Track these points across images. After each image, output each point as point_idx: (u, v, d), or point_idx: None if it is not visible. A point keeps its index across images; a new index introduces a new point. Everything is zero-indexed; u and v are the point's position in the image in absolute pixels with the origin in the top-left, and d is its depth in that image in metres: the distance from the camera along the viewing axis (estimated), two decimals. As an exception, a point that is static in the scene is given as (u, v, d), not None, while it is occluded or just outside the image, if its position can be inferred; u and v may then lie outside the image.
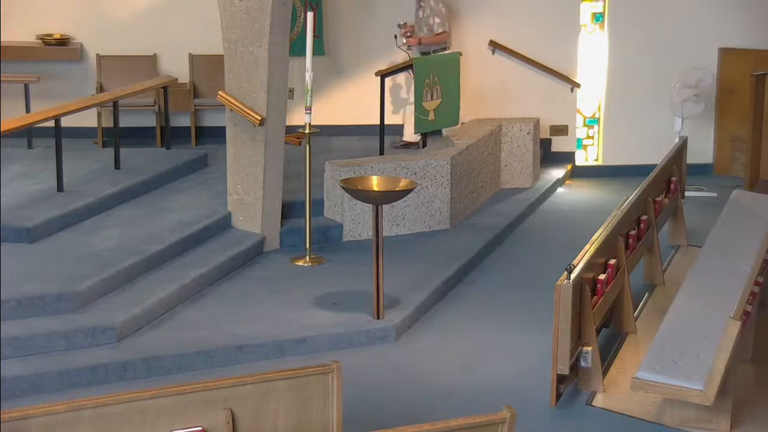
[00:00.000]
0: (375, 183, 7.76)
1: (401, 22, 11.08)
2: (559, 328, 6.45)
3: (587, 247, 7.09)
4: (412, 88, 10.86)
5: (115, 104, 10.09)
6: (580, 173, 12.17)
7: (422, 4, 11.05)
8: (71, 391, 6.55)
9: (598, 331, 6.98)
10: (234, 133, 9.00)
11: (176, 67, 11.57)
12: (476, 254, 9.20)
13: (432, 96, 10.61)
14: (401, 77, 11.29)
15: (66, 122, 9.30)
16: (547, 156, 12.02)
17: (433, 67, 10.62)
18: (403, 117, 11.39)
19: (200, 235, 8.71)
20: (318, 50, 10.83)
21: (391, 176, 8.56)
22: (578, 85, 12.00)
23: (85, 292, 7.34)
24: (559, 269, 6.65)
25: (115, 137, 10.05)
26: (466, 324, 7.95)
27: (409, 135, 11.13)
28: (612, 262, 7.39)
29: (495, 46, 11.77)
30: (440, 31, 10.96)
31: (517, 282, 8.82)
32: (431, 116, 10.64)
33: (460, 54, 10.98)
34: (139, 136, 11.42)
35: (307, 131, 8.71)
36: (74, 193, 9.09)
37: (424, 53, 11.05)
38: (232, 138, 9.03)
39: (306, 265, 8.78)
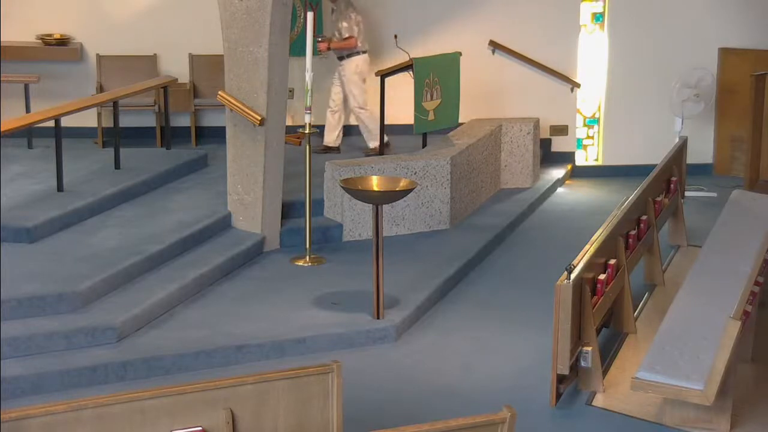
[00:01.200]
0: (375, 183, 7.76)
1: (320, 37, 11.08)
2: (559, 328, 6.44)
3: (587, 247, 7.09)
4: (340, 87, 10.88)
5: (115, 104, 10.09)
6: (580, 173, 12.17)
7: (334, 8, 11.09)
8: (71, 391, 6.54)
9: (598, 331, 6.97)
10: (234, 133, 9.00)
11: (176, 67, 11.57)
12: (476, 254, 9.20)
13: (432, 96, 10.62)
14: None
15: (66, 122, 9.30)
16: (547, 156, 12.02)
17: (433, 67, 10.63)
18: (326, 120, 11.24)
19: (200, 235, 8.71)
20: (318, 50, 10.83)
21: (391, 176, 8.57)
22: (578, 85, 12.00)
23: (85, 292, 7.34)
24: (559, 269, 6.65)
25: (115, 137, 10.05)
26: (466, 324, 7.95)
27: (330, 140, 11.10)
28: (612, 262, 7.39)
29: (495, 46, 11.77)
30: (347, 35, 10.94)
31: (517, 282, 8.82)
32: (431, 116, 10.65)
33: (460, 54, 10.98)
34: (139, 136, 11.42)
35: (307, 131, 8.71)
36: (74, 193, 9.08)
37: (339, 57, 11.10)
38: (232, 138, 9.03)
39: (306, 265, 8.78)
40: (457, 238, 9.53)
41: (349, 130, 11.60)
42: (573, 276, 6.49)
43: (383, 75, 10.80)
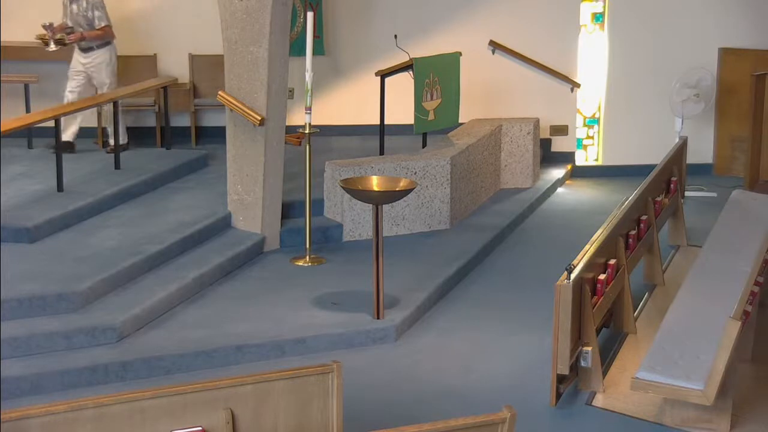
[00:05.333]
0: (375, 183, 7.76)
1: (47, 23, 10.50)
2: (559, 328, 6.44)
3: (587, 247, 7.09)
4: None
5: (115, 104, 10.09)
6: (580, 173, 12.17)
7: None
8: (71, 391, 6.54)
9: (598, 331, 6.97)
10: (234, 133, 9.00)
11: (176, 67, 11.57)
12: (476, 254, 9.19)
13: (432, 96, 10.62)
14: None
15: (66, 122, 9.31)
16: (547, 156, 12.02)
17: (433, 67, 10.63)
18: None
19: (200, 235, 8.71)
20: (318, 50, 10.83)
21: (391, 176, 8.57)
22: (578, 85, 12.00)
23: (85, 292, 7.34)
24: (559, 269, 6.65)
25: (115, 137, 10.05)
26: (466, 324, 7.95)
27: (69, 135, 10.58)
28: (612, 262, 7.39)
29: (495, 46, 11.77)
30: (103, 24, 10.49)
31: (517, 282, 8.82)
32: (431, 116, 10.65)
33: (460, 54, 10.98)
34: (139, 136, 11.41)
35: (307, 131, 8.71)
36: (74, 193, 9.08)
37: (86, 49, 10.55)
38: (232, 138, 9.03)
39: (306, 265, 8.78)
40: (457, 238, 9.53)
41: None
42: (573, 276, 6.49)
43: (383, 75, 10.79)
